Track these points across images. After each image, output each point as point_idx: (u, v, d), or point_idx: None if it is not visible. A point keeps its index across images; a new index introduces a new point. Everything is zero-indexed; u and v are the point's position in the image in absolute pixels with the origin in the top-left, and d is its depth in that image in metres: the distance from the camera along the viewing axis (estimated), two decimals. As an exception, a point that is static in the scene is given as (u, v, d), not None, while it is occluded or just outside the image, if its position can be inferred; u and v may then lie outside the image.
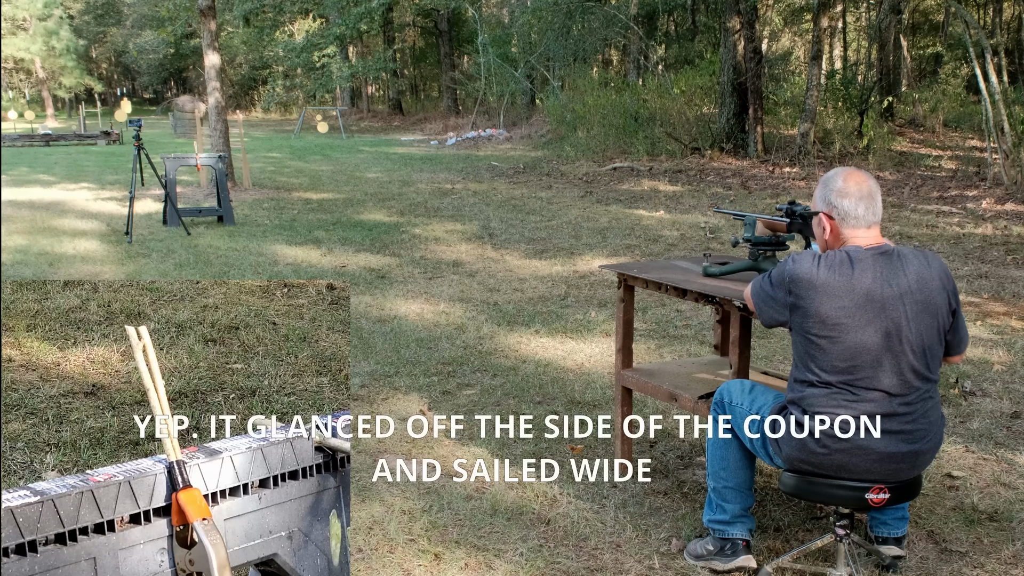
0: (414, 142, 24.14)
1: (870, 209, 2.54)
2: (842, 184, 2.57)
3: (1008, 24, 25.31)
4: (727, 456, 2.83)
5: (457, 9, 28.87)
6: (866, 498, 2.51)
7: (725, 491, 2.83)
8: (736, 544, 2.80)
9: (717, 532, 2.84)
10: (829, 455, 2.49)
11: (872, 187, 2.57)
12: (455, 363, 4.99)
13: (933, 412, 2.56)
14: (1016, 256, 7.91)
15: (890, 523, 2.89)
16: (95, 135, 23.70)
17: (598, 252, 8.33)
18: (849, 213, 2.55)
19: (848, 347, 2.45)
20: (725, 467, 2.83)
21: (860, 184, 2.56)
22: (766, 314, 2.64)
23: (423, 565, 2.85)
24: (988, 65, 12.06)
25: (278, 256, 8.15)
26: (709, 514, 2.88)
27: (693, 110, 17.75)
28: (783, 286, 2.56)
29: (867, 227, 2.55)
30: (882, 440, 2.46)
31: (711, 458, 2.87)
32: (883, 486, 2.51)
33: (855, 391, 2.46)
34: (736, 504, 2.83)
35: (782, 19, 27.83)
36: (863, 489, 2.51)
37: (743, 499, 2.84)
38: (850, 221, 2.55)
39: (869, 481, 2.51)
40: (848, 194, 2.55)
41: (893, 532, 2.89)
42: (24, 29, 39.42)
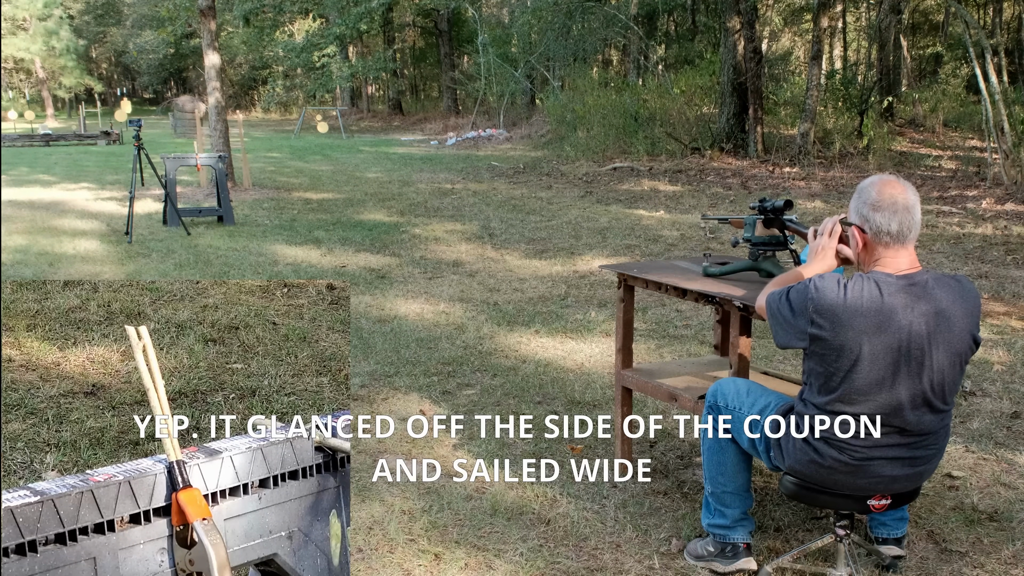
0: (414, 142, 24.14)
1: (905, 224, 2.37)
2: (875, 196, 2.40)
3: (1008, 24, 25.31)
4: (724, 460, 2.79)
5: (457, 9, 28.88)
6: (868, 504, 2.52)
7: (724, 495, 2.81)
8: (737, 547, 2.79)
9: (718, 536, 2.82)
10: (832, 475, 2.48)
11: (909, 200, 2.39)
12: (455, 363, 4.99)
13: (943, 437, 2.52)
14: (1016, 256, 7.91)
15: (889, 524, 2.88)
16: (95, 135, 23.70)
17: (598, 252, 8.33)
18: (882, 229, 2.38)
19: (868, 382, 2.36)
20: (723, 471, 2.80)
21: (896, 197, 2.38)
22: (782, 338, 2.49)
23: (423, 565, 2.85)
24: (988, 65, 12.06)
25: (278, 256, 8.15)
26: (708, 518, 2.86)
27: (693, 110, 17.75)
28: (805, 314, 2.40)
29: (901, 245, 2.39)
30: (889, 465, 2.45)
31: (708, 463, 2.84)
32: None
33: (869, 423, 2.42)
34: (736, 508, 2.81)
35: (782, 19, 27.83)
36: (864, 497, 2.52)
37: (742, 502, 2.82)
38: (883, 238, 2.39)
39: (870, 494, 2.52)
40: (882, 207, 2.38)
41: (893, 533, 2.88)
42: (24, 29, 39.42)
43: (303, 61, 29.01)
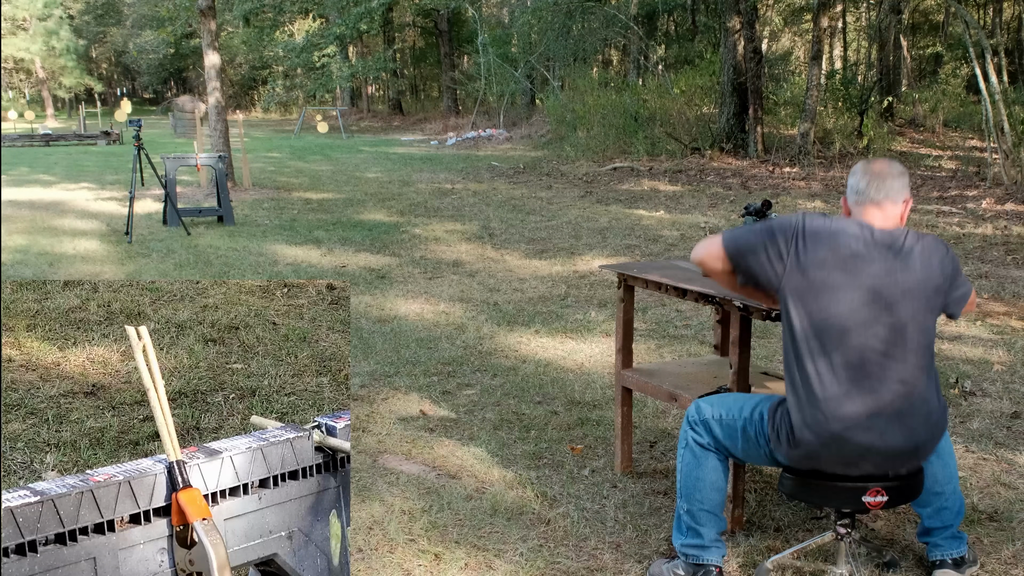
0: (414, 142, 24.14)
1: (873, 186, 2.49)
2: (858, 167, 2.57)
3: (1008, 24, 25.32)
4: (702, 476, 2.71)
5: (457, 9, 28.86)
6: (863, 500, 2.48)
7: (700, 514, 2.71)
8: (710, 571, 2.69)
9: (691, 557, 2.71)
10: (818, 454, 2.44)
11: (887, 169, 2.52)
12: (455, 363, 5.00)
13: (926, 408, 2.48)
14: (1016, 256, 7.91)
15: (942, 544, 2.76)
16: (95, 135, 23.70)
17: (598, 252, 8.33)
18: (853, 188, 2.53)
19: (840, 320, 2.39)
20: (700, 488, 2.71)
21: (874, 164, 2.55)
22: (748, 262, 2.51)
23: (423, 565, 2.85)
24: (988, 65, 12.06)
25: (278, 256, 8.15)
26: (681, 538, 2.75)
27: (693, 110, 17.75)
28: (786, 233, 2.46)
29: (874, 205, 2.49)
30: (867, 433, 2.40)
31: (685, 479, 2.74)
32: (880, 488, 2.48)
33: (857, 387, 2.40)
34: (711, 528, 2.72)
35: (782, 19, 27.84)
36: (860, 491, 2.48)
37: (717, 522, 2.73)
38: (853, 197, 2.53)
39: (868, 478, 2.48)
40: (856, 172, 2.55)
41: (948, 554, 2.75)
42: (24, 29, 39.43)
43: (303, 61, 29.01)
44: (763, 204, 3.19)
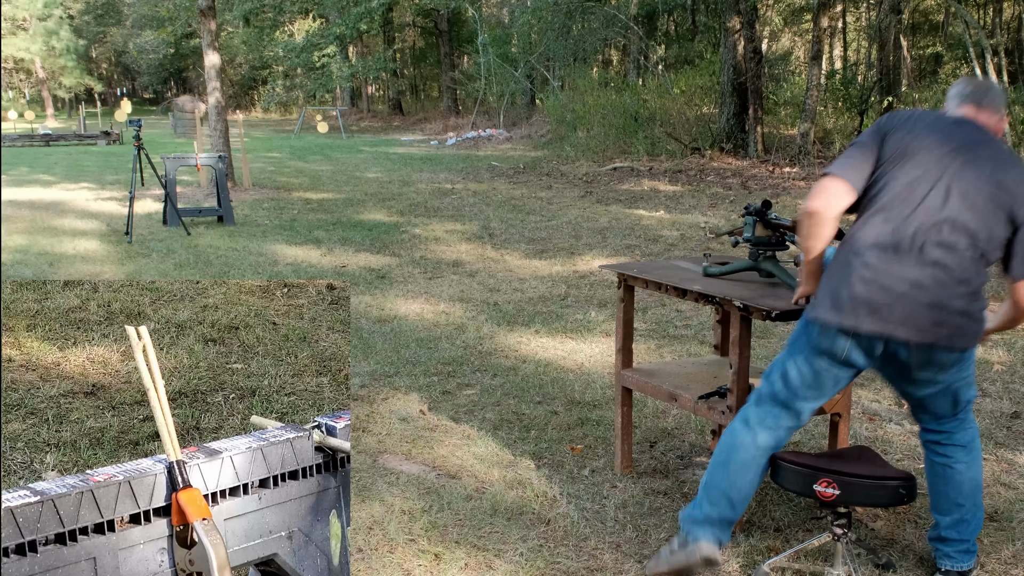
0: (414, 142, 24.14)
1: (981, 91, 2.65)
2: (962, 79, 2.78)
3: (1008, 24, 25.31)
4: (733, 459, 2.65)
5: (457, 9, 28.87)
6: (814, 488, 2.56)
7: (713, 491, 2.66)
8: (694, 550, 2.61)
9: (685, 529, 2.68)
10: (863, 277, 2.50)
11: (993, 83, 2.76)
12: (455, 363, 5.00)
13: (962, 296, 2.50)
14: (1016, 256, 7.90)
15: (954, 556, 2.74)
16: (95, 135, 23.70)
17: (598, 252, 8.33)
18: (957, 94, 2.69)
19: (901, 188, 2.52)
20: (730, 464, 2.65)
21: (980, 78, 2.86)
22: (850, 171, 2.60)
23: (423, 565, 2.85)
24: (988, 65, 12.06)
25: (278, 256, 8.15)
26: (686, 509, 2.73)
27: (693, 110, 17.75)
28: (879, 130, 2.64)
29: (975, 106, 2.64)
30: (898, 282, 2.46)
31: (719, 449, 2.69)
32: (830, 480, 2.54)
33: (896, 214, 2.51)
34: (716, 509, 2.65)
35: (782, 19, 27.82)
36: (811, 479, 2.57)
37: (727, 509, 2.66)
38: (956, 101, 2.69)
39: (897, 322, 2.47)
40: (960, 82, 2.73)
41: (957, 566, 2.73)
42: (24, 29, 39.44)
43: (303, 61, 29.00)
44: (763, 204, 3.20)
